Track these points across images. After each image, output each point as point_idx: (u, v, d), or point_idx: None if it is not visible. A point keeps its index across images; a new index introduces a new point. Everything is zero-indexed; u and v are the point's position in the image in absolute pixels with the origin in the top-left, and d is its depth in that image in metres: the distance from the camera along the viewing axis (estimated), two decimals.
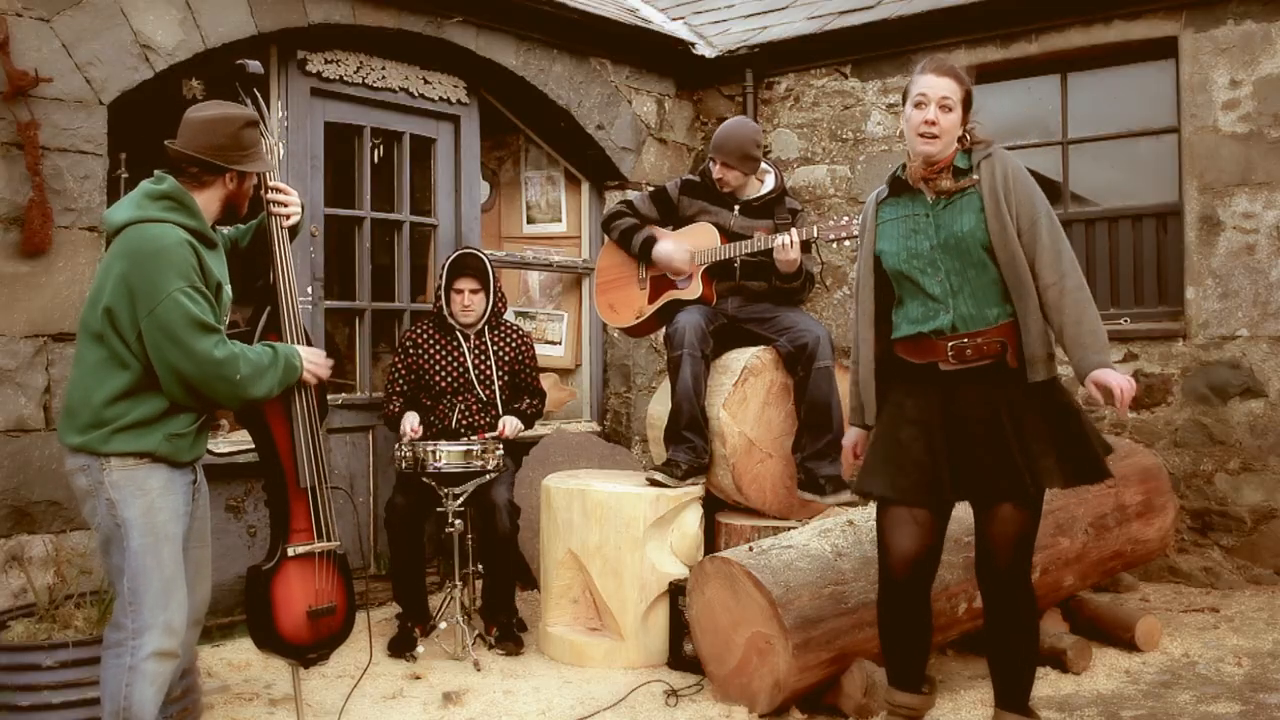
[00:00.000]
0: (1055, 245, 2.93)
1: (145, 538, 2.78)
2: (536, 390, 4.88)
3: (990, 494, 2.94)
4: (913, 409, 3.03)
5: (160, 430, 2.80)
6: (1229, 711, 3.57)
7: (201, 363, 2.75)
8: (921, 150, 3.00)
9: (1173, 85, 5.44)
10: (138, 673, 2.77)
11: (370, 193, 5.34)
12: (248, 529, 4.75)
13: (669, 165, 6.55)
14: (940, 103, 2.96)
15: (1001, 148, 3.08)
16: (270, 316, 3.21)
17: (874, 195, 3.23)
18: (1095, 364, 2.87)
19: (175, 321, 2.71)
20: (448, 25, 5.34)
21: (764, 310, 4.62)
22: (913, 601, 3.09)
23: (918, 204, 3.07)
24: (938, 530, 3.06)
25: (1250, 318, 5.17)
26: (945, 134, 2.98)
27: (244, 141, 2.94)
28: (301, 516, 3.25)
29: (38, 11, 4.01)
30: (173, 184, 2.85)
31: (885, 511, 3.08)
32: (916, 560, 3.04)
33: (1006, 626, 3.01)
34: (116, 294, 2.75)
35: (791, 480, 4.52)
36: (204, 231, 2.87)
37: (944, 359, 2.97)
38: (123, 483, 2.77)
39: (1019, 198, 2.96)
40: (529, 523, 4.95)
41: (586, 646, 4.26)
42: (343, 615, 3.34)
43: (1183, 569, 5.34)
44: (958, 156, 3.03)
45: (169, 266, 2.72)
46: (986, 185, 2.97)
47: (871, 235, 3.17)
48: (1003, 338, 2.94)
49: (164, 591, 2.80)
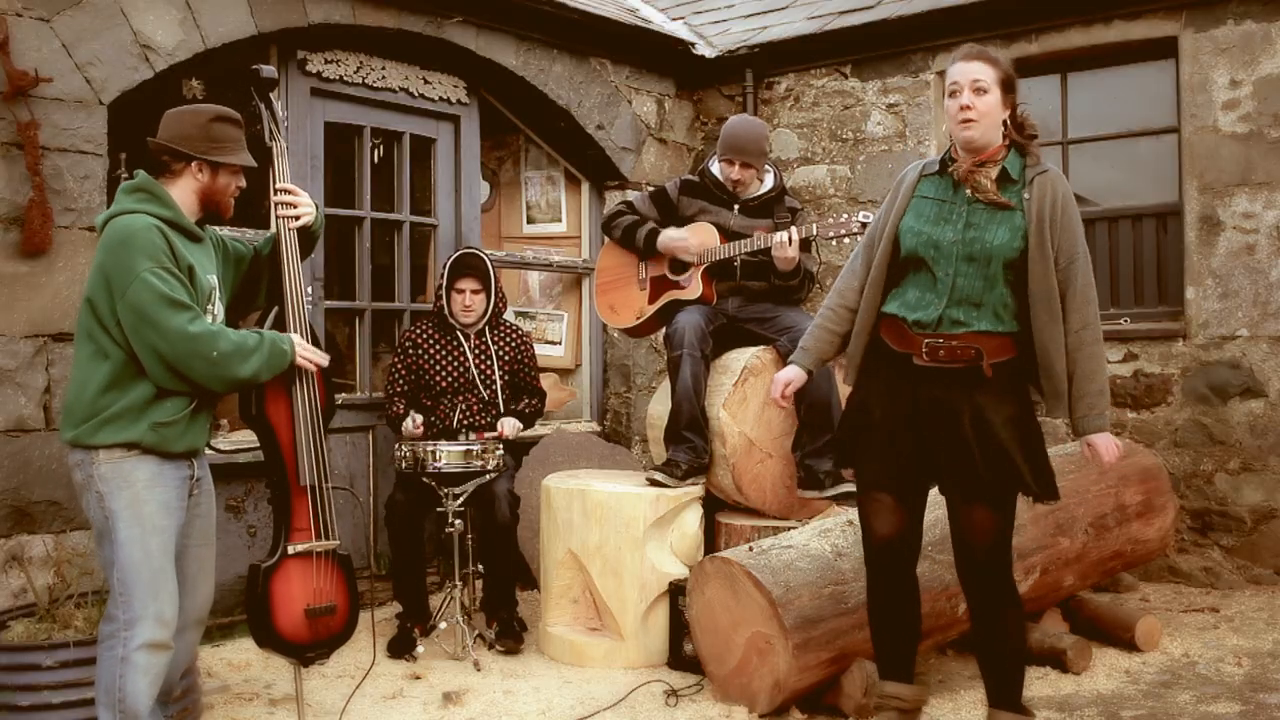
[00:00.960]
0: (1086, 291, 2.91)
1: (132, 529, 2.81)
2: (536, 390, 4.89)
3: (955, 491, 2.97)
4: (886, 392, 3.04)
5: (145, 419, 2.82)
6: (1229, 711, 3.57)
7: (175, 339, 2.78)
8: (963, 136, 2.93)
9: (1173, 85, 5.44)
10: (130, 664, 2.79)
11: (370, 193, 5.34)
12: (248, 529, 4.75)
13: (669, 165, 6.55)
14: (973, 86, 2.90)
15: (1056, 169, 3.00)
16: (277, 317, 3.22)
17: (920, 164, 3.14)
18: (1095, 428, 2.96)
19: (146, 300, 2.76)
20: (448, 25, 5.34)
21: (764, 310, 4.61)
22: (899, 585, 3.12)
23: (959, 194, 2.98)
24: (913, 512, 3.09)
25: (1250, 318, 5.17)
26: (984, 117, 2.90)
27: (214, 134, 2.97)
28: (302, 515, 3.26)
29: (38, 11, 4.01)
30: (144, 177, 2.94)
31: (862, 497, 3.13)
32: (896, 541, 3.07)
33: (990, 624, 3.02)
34: (95, 285, 2.83)
35: (791, 480, 4.52)
36: (178, 220, 2.91)
37: (918, 354, 2.96)
38: (110, 475, 2.81)
39: (1065, 230, 2.91)
40: (529, 523, 4.95)
41: (586, 646, 4.26)
42: (344, 615, 3.35)
43: (1183, 569, 5.34)
44: (1009, 157, 2.96)
45: (136, 250, 2.78)
46: (1035, 208, 2.90)
47: (904, 204, 3.07)
48: (979, 345, 2.91)
49: (153, 583, 2.82)
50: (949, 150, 3.05)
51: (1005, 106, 2.95)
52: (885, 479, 3.05)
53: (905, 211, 3.06)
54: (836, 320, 3.20)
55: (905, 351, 3.00)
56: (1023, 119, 2.99)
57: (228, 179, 3.03)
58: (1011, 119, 2.97)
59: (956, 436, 2.91)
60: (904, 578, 3.12)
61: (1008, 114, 2.96)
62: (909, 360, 2.99)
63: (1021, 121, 2.99)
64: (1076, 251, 2.92)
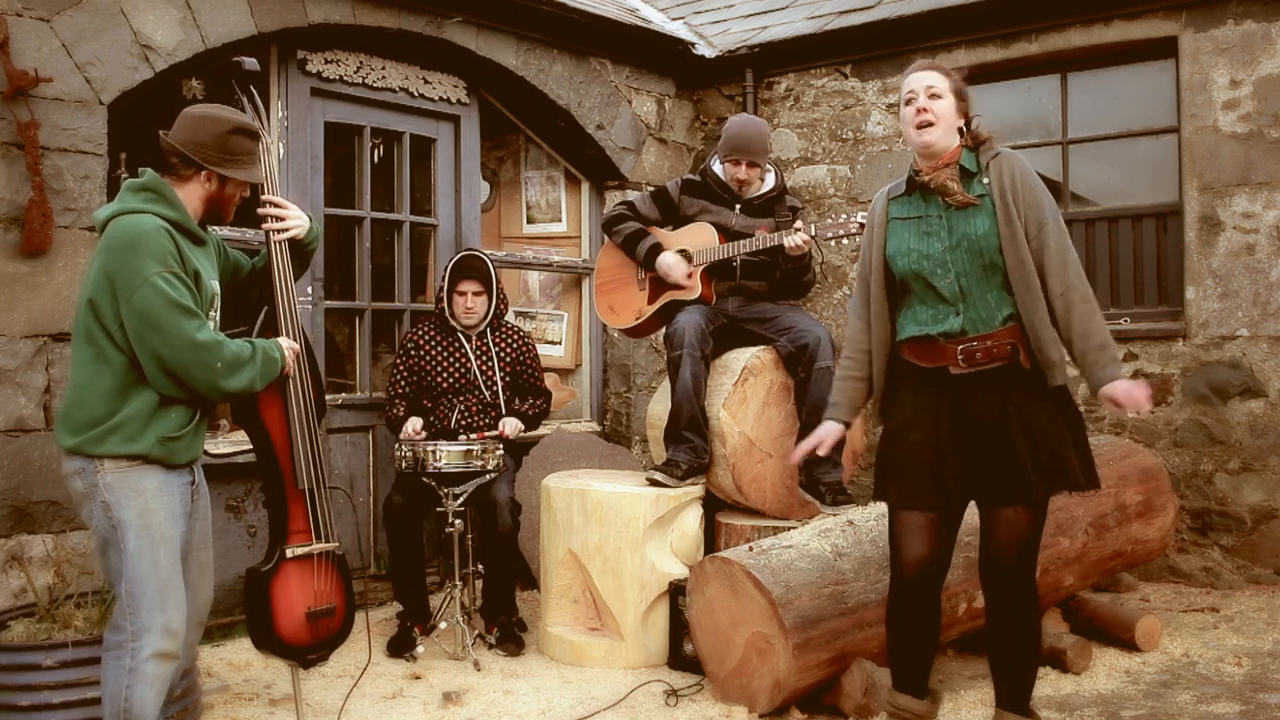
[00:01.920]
0: (1062, 253, 2.91)
1: (141, 540, 2.77)
2: (541, 391, 4.88)
3: (997, 496, 2.94)
4: (921, 413, 3.01)
5: (152, 433, 2.78)
6: (1229, 711, 3.57)
7: (181, 347, 2.73)
8: (921, 140, 2.98)
9: (1173, 85, 5.44)
10: (138, 675, 2.77)
11: (370, 193, 5.34)
12: (248, 529, 4.75)
13: (669, 165, 6.55)
14: (928, 93, 2.97)
15: (1009, 148, 3.05)
16: (267, 317, 3.20)
17: (884, 191, 3.19)
18: (1106, 379, 2.87)
19: (153, 305, 2.70)
20: (448, 25, 5.34)
21: (764, 310, 4.62)
22: (924, 605, 3.09)
23: (931, 205, 3.03)
24: (947, 534, 3.05)
25: (1250, 318, 5.17)
26: (940, 120, 2.97)
27: (230, 146, 2.92)
28: (300, 518, 3.25)
29: (38, 11, 4.01)
30: (152, 176, 2.87)
31: (896, 516, 3.08)
32: (927, 564, 3.03)
33: (1009, 627, 3.01)
34: (98, 286, 2.75)
35: (792, 480, 4.52)
36: (185, 224, 2.85)
37: (954, 363, 2.95)
38: (117, 485, 2.76)
39: (1027, 200, 2.93)
40: (529, 523, 4.95)
41: (586, 646, 4.26)
42: (342, 616, 3.35)
43: (1183, 569, 5.34)
44: (963, 156, 3.01)
45: (145, 252, 2.71)
46: (996, 187, 2.95)
47: (881, 233, 3.12)
48: (1013, 340, 2.92)
49: (161, 593, 2.79)
50: (911, 166, 3.09)
51: (959, 114, 3.01)
52: (920, 498, 3.01)
53: (886, 239, 3.10)
54: (857, 366, 3.19)
55: (937, 366, 2.98)
56: (976, 128, 3.04)
57: (234, 190, 2.99)
58: (966, 125, 3.03)
59: (1004, 440, 2.89)
60: (931, 599, 3.09)
61: (962, 121, 3.02)
62: (943, 374, 2.97)
63: (976, 131, 3.04)
64: (1045, 217, 2.93)
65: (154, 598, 2.78)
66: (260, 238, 3.72)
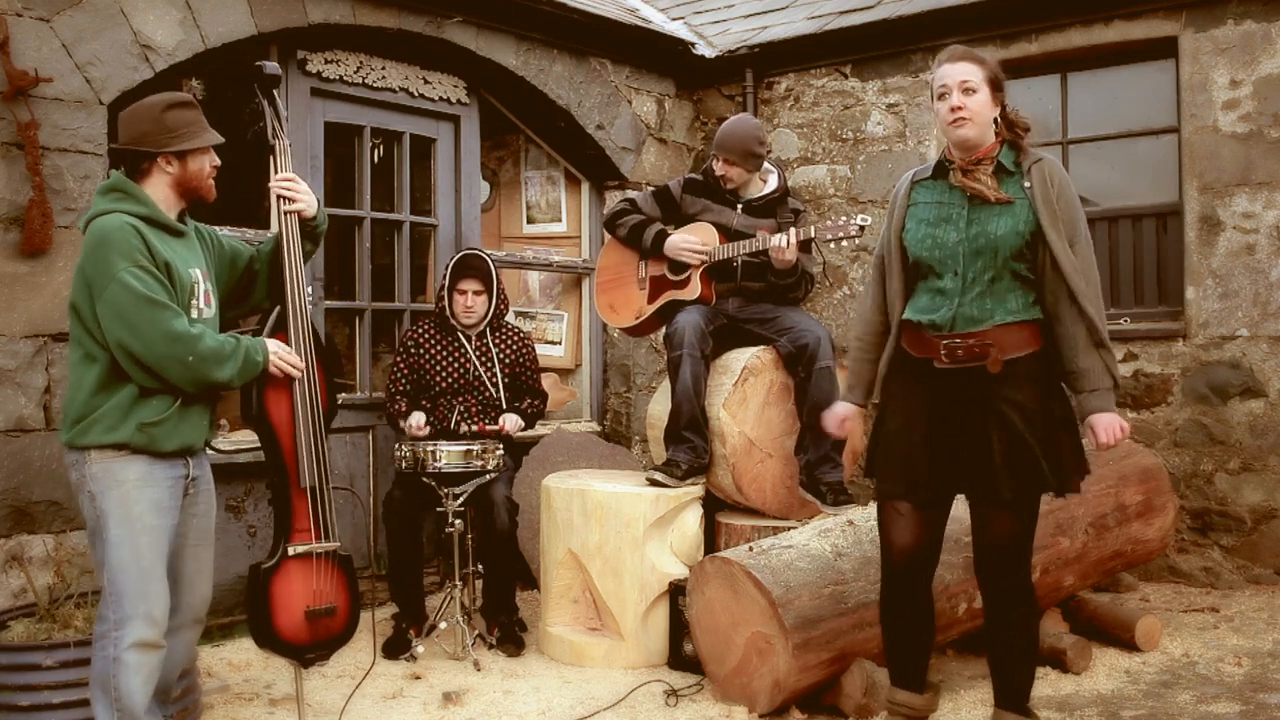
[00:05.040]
0: (1089, 273, 2.90)
1: (121, 529, 2.81)
2: (538, 391, 4.89)
3: (976, 495, 2.95)
4: (908, 402, 3.03)
5: (132, 420, 2.82)
6: (1229, 711, 3.57)
7: (152, 340, 2.77)
8: (957, 135, 2.94)
9: (1173, 85, 5.44)
10: (122, 664, 2.80)
11: (370, 193, 5.34)
12: (248, 529, 4.75)
13: (669, 165, 6.55)
14: (962, 87, 2.91)
15: (1050, 156, 3.01)
16: (279, 317, 3.21)
17: (910, 174, 3.16)
18: (1096, 409, 2.89)
19: (123, 301, 2.76)
20: (448, 25, 5.34)
21: (764, 310, 4.61)
22: (913, 597, 3.10)
23: (955, 194, 3.00)
24: (935, 524, 3.06)
25: (1250, 318, 5.17)
26: (976, 115, 2.92)
27: (169, 123, 2.92)
28: (303, 516, 3.26)
29: (38, 11, 4.01)
30: (117, 177, 2.93)
31: (882, 507, 3.10)
32: (913, 553, 3.04)
33: (1005, 626, 3.01)
34: (77, 289, 2.84)
35: (792, 480, 4.52)
36: (155, 217, 2.89)
37: (937, 357, 2.96)
38: (100, 475, 2.82)
39: (1065, 215, 2.91)
40: (529, 523, 4.95)
41: (586, 646, 4.26)
42: (344, 617, 3.35)
43: (1183, 569, 5.34)
44: (1002, 152, 2.97)
45: (112, 249, 2.77)
46: (1039, 193, 2.90)
47: (901, 215, 3.10)
48: (996, 341, 2.90)
49: (142, 582, 2.82)
50: (944, 153, 3.06)
51: (995, 104, 2.97)
52: (905, 488, 3.02)
53: (905, 222, 3.09)
54: (869, 348, 3.19)
55: (925, 356, 2.99)
56: (1013, 116, 3.00)
57: (199, 162, 2.97)
58: (1002, 116, 2.99)
59: (982, 440, 2.90)
60: (920, 588, 3.10)
61: (998, 111, 2.98)
62: (929, 365, 2.98)
63: (1013, 119, 3.00)
64: (1078, 235, 2.93)
65: (135, 586, 2.81)
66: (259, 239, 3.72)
